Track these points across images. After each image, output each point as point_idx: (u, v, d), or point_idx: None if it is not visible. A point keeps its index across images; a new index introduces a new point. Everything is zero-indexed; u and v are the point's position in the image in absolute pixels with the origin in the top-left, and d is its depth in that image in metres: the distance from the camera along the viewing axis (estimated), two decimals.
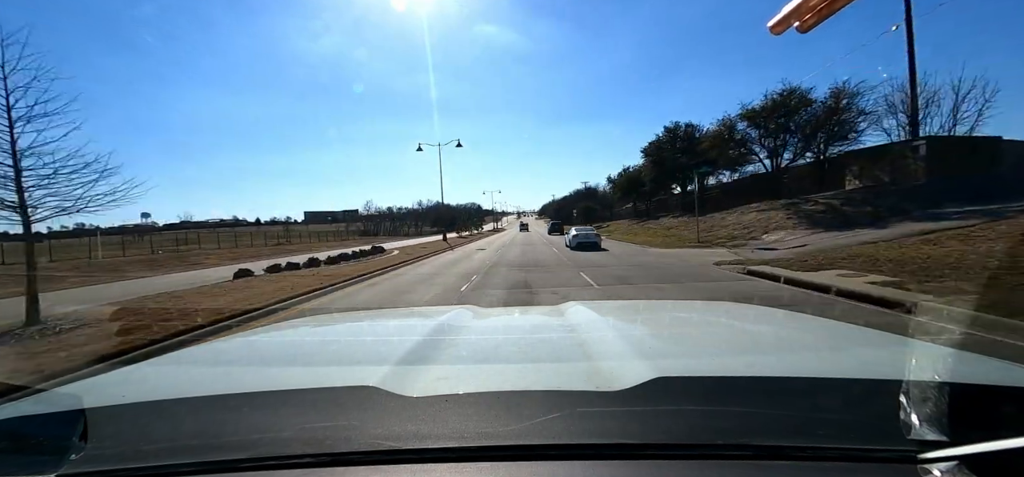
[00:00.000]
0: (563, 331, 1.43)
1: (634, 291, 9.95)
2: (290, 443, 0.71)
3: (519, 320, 1.86)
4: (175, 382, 1.10)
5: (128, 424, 0.81)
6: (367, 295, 11.22)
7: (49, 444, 0.77)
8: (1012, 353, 4.31)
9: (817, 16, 0.91)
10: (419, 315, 2.13)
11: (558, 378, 0.93)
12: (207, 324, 7.31)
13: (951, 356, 1.05)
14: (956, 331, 5.08)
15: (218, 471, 0.68)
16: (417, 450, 0.68)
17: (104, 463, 0.69)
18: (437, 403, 0.76)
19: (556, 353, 1.22)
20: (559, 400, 0.75)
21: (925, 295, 6.70)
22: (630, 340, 1.24)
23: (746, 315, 1.86)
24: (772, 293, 8.62)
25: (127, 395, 0.93)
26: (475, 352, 1.26)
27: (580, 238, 21.07)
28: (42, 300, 8.09)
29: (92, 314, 8.34)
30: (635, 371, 0.83)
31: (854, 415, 0.73)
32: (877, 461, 0.63)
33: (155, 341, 6.16)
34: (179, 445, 0.73)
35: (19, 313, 7.72)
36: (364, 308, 9.19)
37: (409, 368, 0.97)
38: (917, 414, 0.67)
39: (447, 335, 1.42)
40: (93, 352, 5.56)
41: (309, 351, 1.47)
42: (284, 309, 9.20)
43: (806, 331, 1.43)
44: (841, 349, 1.20)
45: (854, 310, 6.78)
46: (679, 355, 1.18)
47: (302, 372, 1.15)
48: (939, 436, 0.63)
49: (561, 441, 0.68)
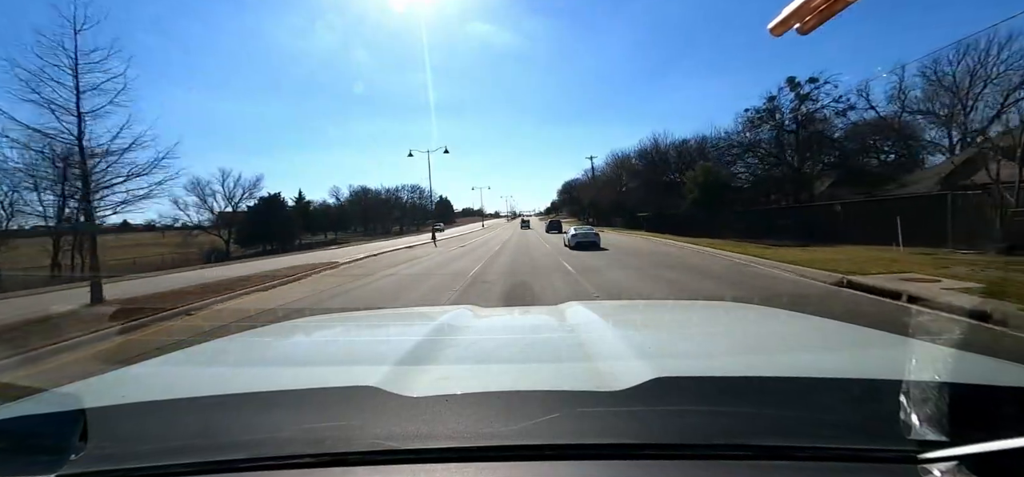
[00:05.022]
0: (563, 331, 1.43)
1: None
2: (290, 443, 0.71)
3: (519, 320, 1.86)
4: (175, 382, 1.10)
5: (128, 424, 0.81)
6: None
7: (49, 444, 0.77)
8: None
9: (818, 17, 0.91)
10: (419, 315, 2.13)
11: (558, 378, 0.93)
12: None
13: (951, 356, 1.05)
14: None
15: (218, 471, 0.68)
16: (417, 450, 0.68)
17: (104, 463, 0.69)
18: (437, 403, 0.76)
19: (556, 353, 1.22)
20: (559, 400, 0.75)
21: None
22: (630, 340, 1.24)
23: (746, 315, 1.86)
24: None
25: (127, 395, 0.93)
26: (475, 352, 1.26)
27: (579, 238, 20.89)
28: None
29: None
30: (635, 371, 0.83)
31: (854, 415, 0.73)
32: (877, 461, 0.63)
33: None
34: (179, 445, 0.73)
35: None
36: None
37: (409, 368, 0.97)
38: (917, 414, 0.67)
39: (447, 335, 1.42)
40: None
41: (309, 351, 1.47)
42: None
43: (806, 331, 1.43)
44: (841, 349, 1.20)
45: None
46: (679, 355, 1.18)
47: (302, 372, 1.15)
48: (939, 436, 0.63)
49: (561, 441, 0.68)
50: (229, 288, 11.44)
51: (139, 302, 9.76)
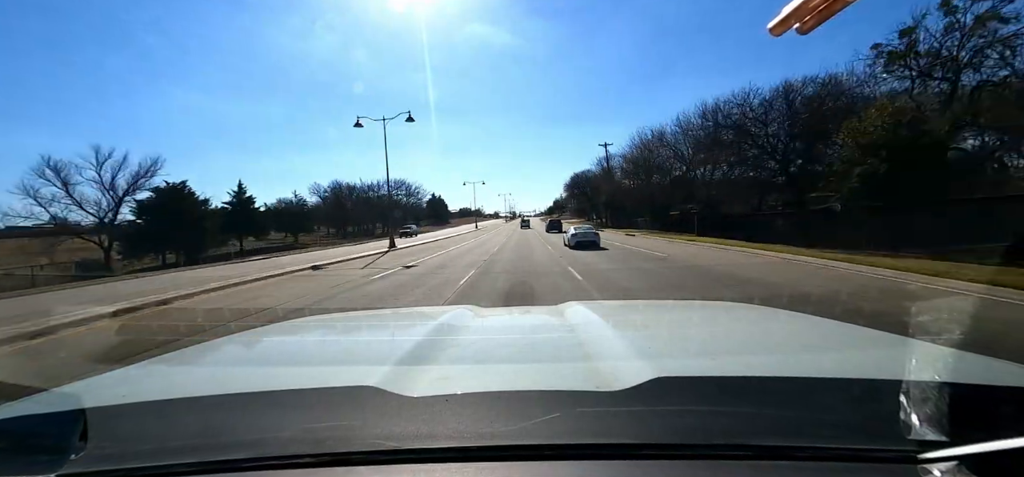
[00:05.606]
0: (563, 331, 1.43)
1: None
2: (290, 443, 0.71)
3: (519, 320, 1.86)
4: (175, 382, 1.10)
5: (128, 424, 0.81)
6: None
7: (49, 444, 0.77)
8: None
9: (818, 17, 0.91)
10: (419, 315, 2.13)
11: (558, 378, 0.93)
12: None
13: (951, 356, 1.05)
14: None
15: (218, 471, 0.68)
16: (417, 450, 0.68)
17: (104, 463, 0.69)
18: (437, 403, 0.76)
19: (556, 353, 1.22)
20: (559, 400, 0.75)
21: None
22: (630, 340, 1.24)
23: (746, 315, 1.86)
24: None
25: (127, 395, 0.93)
26: (475, 352, 1.26)
27: (579, 237, 21.06)
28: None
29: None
30: (635, 371, 0.83)
31: (854, 415, 0.73)
32: (877, 461, 0.63)
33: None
34: (179, 445, 0.73)
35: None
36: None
37: (409, 368, 0.97)
38: (917, 414, 0.67)
39: (447, 335, 1.42)
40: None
41: (309, 351, 1.47)
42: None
43: (806, 331, 1.43)
44: (841, 349, 1.20)
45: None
46: (679, 355, 1.18)
47: (302, 372, 1.15)
48: (939, 436, 0.63)
49: (561, 441, 0.68)
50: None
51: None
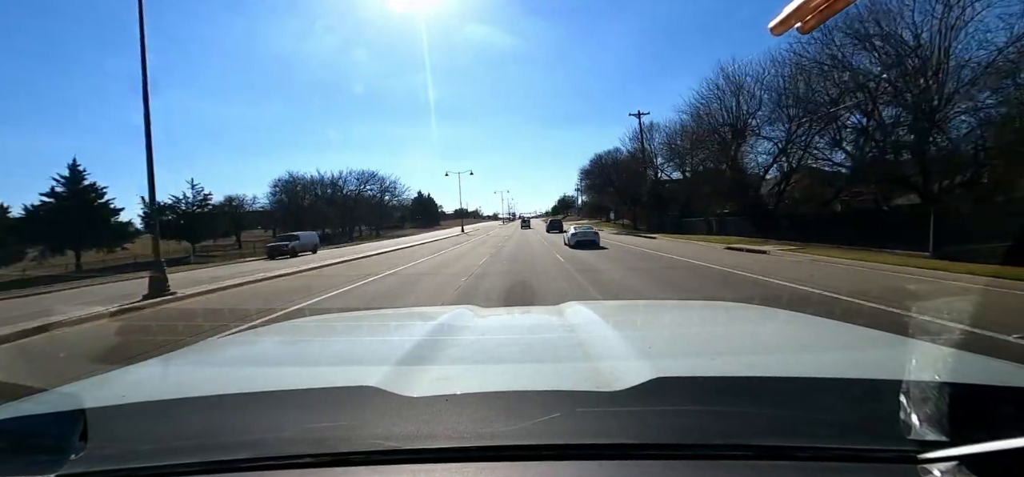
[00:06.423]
0: (563, 331, 1.43)
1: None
2: (290, 443, 0.71)
3: (519, 320, 1.86)
4: (175, 382, 1.10)
5: (128, 424, 0.81)
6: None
7: (49, 444, 0.77)
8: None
9: (818, 16, 0.91)
10: (419, 315, 2.13)
11: (558, 378, 0.93)
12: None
13: (951, 356, 1.05)
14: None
15: (218, 471, 0.68)
16: (417, 450, 0.68)
17: (104, 463, 0.69)
18: (437, 403, 0.76)
19: (556, 353, 1.22)
20: (559, 400, 0.75)
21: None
22: (630, 340, 1.24)
23: (746, 315, 1.86)
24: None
25: (127, 395, 0.93)
26: (475, 352, 1.26)
27: (579, 237, 21.14)
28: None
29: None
30: (635, 371, 0.83)
31: (854, 415, 0.73)
32: (877, 461, 0.63)
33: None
34: (179, 445, 0.73)
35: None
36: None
37: (409, 368, 0.97)
38: (917, 414, 0.66)
39: (447, 335, 1.42)
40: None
41: (309, 351, 1.47)
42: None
43: (806, 331, 1.43)
44: (841, 349, 1.20)
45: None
46: (679, 355, 1.18)
47: (302, 372, 1.15)
48: (939, 436, 0.63)
49: (561, 441, 0.68)
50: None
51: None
